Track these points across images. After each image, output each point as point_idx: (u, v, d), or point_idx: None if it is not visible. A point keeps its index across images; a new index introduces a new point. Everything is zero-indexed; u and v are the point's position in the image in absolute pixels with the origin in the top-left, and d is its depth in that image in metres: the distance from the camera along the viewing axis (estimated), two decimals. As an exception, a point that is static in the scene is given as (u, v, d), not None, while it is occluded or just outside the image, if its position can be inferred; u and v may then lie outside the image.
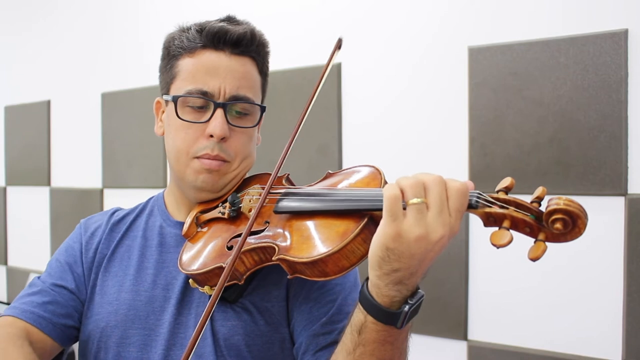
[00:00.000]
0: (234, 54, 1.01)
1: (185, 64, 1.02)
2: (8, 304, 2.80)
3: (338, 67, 1.96)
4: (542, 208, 0.70)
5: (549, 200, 0.68)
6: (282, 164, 0.91)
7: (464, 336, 1.74)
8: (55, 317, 1.03)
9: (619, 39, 1.50)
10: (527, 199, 0.72)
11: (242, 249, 0.87)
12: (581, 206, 0.67)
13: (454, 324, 1.75)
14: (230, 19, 1.05)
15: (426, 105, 1.82)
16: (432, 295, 1.72)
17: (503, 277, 1.68)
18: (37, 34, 3.01)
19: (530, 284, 1.63)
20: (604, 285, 1.54)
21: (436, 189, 0.70)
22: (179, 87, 1.02)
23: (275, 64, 2.01)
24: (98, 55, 2.73)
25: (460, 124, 1.74)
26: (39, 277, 1.10)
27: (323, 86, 0.95)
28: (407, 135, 1.85)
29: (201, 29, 1.02)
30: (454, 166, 1.74)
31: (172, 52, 1.04)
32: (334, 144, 1.98)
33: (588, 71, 1.54)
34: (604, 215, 1.53)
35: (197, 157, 1.00)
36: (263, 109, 1.05)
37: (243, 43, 1.01)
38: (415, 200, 0.70)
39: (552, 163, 1.59)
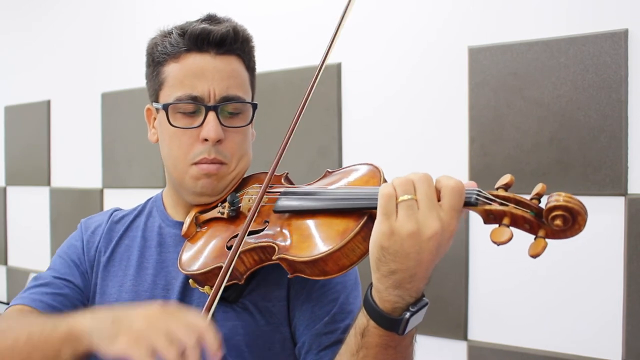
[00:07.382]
0: (219, 54, 1.00)
1: (171, 70, 1.01)
2: (8, 304, 2.80)
3: (338, 66, 1.96)
4: (542, 205, 0.70)
5: (549, 197, 0.69)
6: (278, 162, 0.91)
7: (464, 336, 1.74)
8: (65, 309, 1.01)
9: (619, 39, 1.50)
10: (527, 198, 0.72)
11: (242, 249, 0.87)
12: (581, 202, 0.67)
13: (454, 324, 1.75)
14: (211, 18, 1.04)
15: (426, 105, 1.82)
16: (432, 295, 1.71)
17: (503, 277, 1.68)
18: (37, 33, 3.01)
19: (531, 284, 1.63)
20: (604, 285, 1.54)
21: (423, 185, 0.72)
22: (168, 94, 1.01)
23: (275, 64, 2.00)
24: (98, 55, 2.72)
25: (460, 123, 1.74)
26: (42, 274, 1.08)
27: (323, 86, 0.95)
28: (407, 135, 1.85)
29: (183, 32, 1.00)
30: (454, 166, 1.74)
31: (157, 59, 1.04)
32: (334, 144, 1.98)
33: (588, 71, 1.54)
34: (604, 215, 1.52)
35: (195, 163, 1.00)
36: (255, 106, 1.04)
37: (227, 42, 1.00)
38: (404, 197, 0.71)
39: (552, 163, 1.59)
